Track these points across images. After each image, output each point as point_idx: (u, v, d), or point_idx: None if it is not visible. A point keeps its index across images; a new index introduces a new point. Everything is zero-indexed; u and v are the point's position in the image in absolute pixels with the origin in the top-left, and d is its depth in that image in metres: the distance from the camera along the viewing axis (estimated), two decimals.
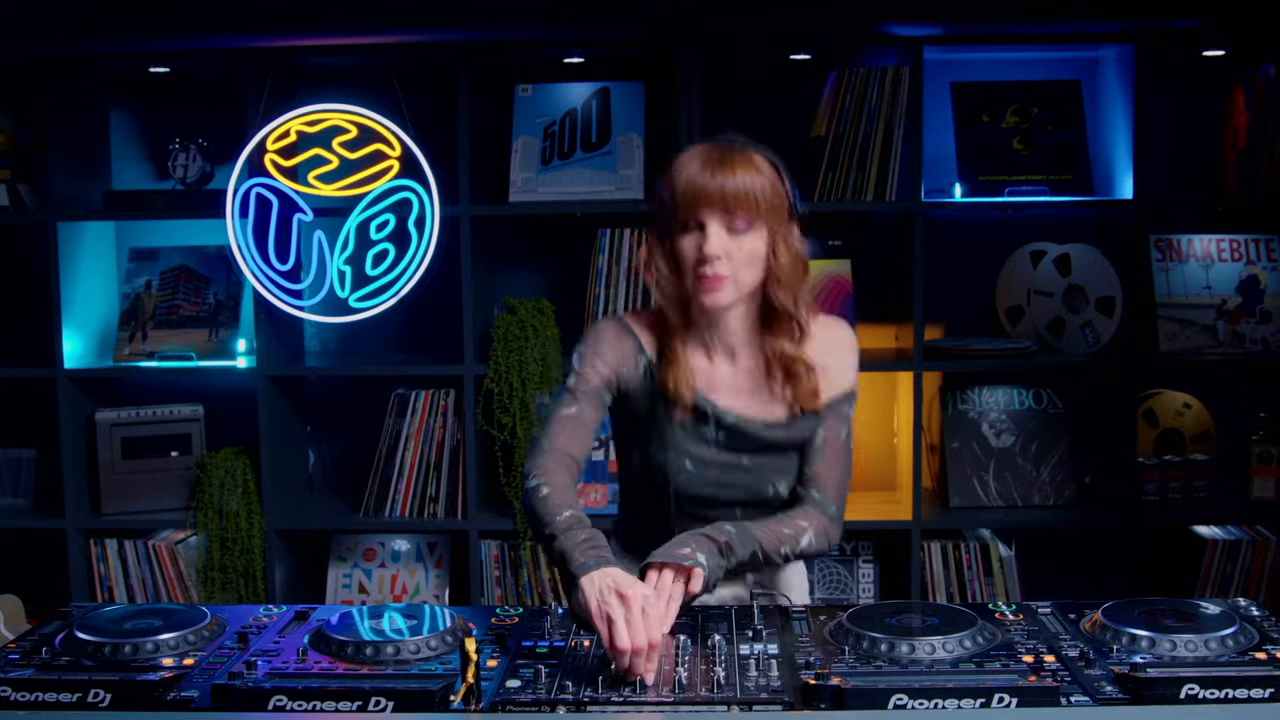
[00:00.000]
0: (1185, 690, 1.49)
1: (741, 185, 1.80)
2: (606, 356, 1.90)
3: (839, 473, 1.94)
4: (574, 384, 1.89)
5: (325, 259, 3.29)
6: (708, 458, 1.90)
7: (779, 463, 1.93)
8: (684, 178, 1.82)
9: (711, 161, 1.82)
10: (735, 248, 1.81)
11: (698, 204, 1.80)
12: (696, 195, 1.80)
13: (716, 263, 1.80)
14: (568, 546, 1.67)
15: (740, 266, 1.82)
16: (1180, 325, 3.37)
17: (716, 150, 1.84)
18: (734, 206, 1.80)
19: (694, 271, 1.82)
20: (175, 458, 3.43)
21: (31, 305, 3.49)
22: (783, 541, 1.86)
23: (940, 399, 3.43)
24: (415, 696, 1.50)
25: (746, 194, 1.80)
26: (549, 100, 3.39)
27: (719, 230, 1.81)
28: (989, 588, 3.28)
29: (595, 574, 1.61)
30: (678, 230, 1.84)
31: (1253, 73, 3.29)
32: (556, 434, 1.85)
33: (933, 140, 3.30)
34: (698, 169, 1.81)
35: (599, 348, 1.91)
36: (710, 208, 1.80)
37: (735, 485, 1.92)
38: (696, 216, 1.81)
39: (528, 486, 1.79)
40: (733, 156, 1.83)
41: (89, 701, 1.54)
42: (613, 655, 1.56)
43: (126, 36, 3.17)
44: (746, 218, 1.81)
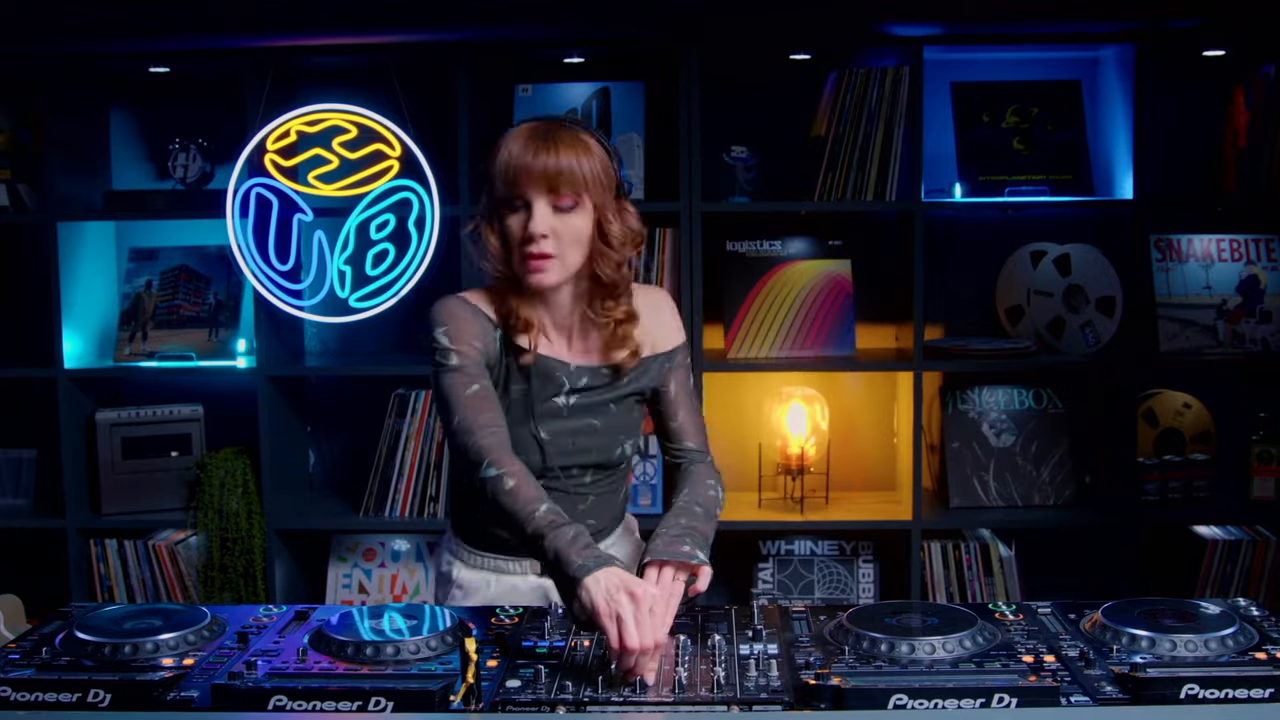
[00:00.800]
0: (1185, 690, 1.49)
1: (565, 164, 1.78)
2: (472, 331, 1.87)
3: (699, 420, 2.04)
4: (459, 363, 1.84)
5: (325, 259, 3.29)
6: (560, 426, 1.92)
7: (624, 421, 1.98)
8: (507, 155, 1.79)
9: (536, 139, 1.79)
10: (561, 226, 1.81)
11: (521, 182, 1.79)
12: (520, 173, 1.78)
13: (543, 241, 1.79)
14: (560, 546, 1.66)
15: (566, 245, 1.82)
16: (1180, 325, 3.37)
17: (541, 127, 1.82)
18: (558, 184, 1.78)
19: (520, 250, 1.82)
20: (175, 458, 3.44)
21: (31, 305, 3.49)
22: (715, 505, 1.94)
23: (940, 399, 3.43)
24: (415, 696, 1.50)
25: (569, 172, 1.78)
26: (549, 100, 3.39)
27: (545, 209, 1.80)
28: (989, 588, 3.28)
29: (600, 574, 1.61)
30: (505, 209, 1.83)
31: (1253, 73, 3.29)
32: (478, 412, 1.80)
33: (933, 140, 3.30)
34: (520, 147, 1.79)
35: (462, 326, 1.86)
36: (535, 186, 1.79)
37: (590, 449, 1.95)
38: (522, 194, 1.79)
39: (486, 475, 1.75)
40: (558, 134, 1.80)
41: (89, 701, 1.54)
42: (619, 655, 1.56)
43: (126, 36, 3.17)
44: (571, 196, 1.80)
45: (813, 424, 3.36)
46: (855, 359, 3.36)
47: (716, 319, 3.38)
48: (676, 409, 2.02)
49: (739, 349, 3.34)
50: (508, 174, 1.79)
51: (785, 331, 3.35)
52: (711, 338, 3.39)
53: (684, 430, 2.02)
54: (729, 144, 3.30)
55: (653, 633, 1.56)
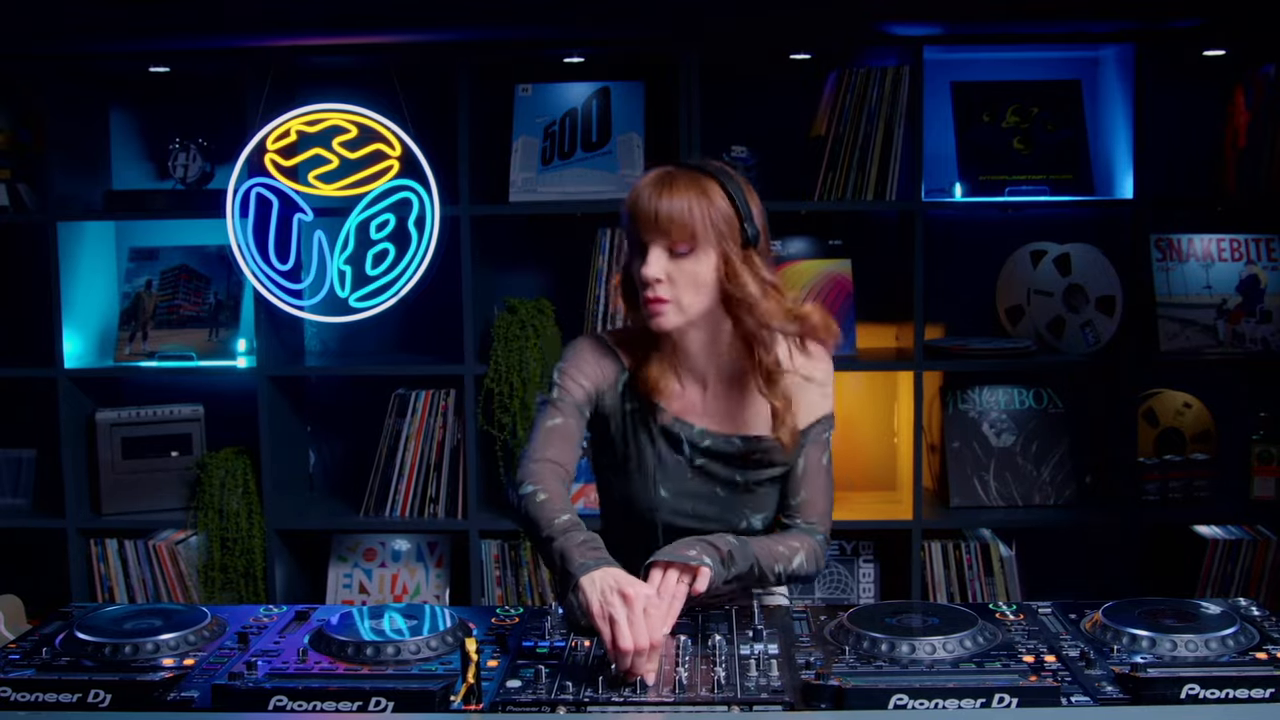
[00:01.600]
0: (1185, 690, 1.49)
1: (676, 207, 1.78)
2: (588, 372, 1.90)
3: (825, 499, 1.97)
4: (557, 396, 1.88)
5: (325, 259, 3.29)
6: (681, 486, 1.91)
7: (752, 496, 1.94)
8: (631, 200, 1.83)
9: (656, 184, 1.82)
10: (676, 271, 1.81)
11: (639, 227, 1.82)
12: (637, 218, 1.81)
13: (657, 286, 1.81)
14: (567, 547, 1.66)
15: (683, 290, 1.81)
16: (1180, 325, 3.37)
17: (666, 172, 1.84)
18: (668, 228, 1.79)
19: (642, 295, 1.83)
20: (175, 458, 3.44)
21: (31, 305, 3.49)
22: (777, 560, 1.88)
23: (940, 399, 3.43)
24: (415, 696, 1.50)
25: (680, 216, 1.78)
26: (549, 100, 3.39)
27: (659, 253, 1.81)
28: (989, 588, 3.28)
29: (596, 574, 1.61)
30: (634, 253, 1.85)
31: (1253, 73, 3.29)
32: (545, 445, 1.83)
33: (933, 140, 3.30)
34: (645, 192, 1.82)
35: (579, 364, 1.91)
36: (650, 230, 1.81)
37: (709, 517, 1.92)
38: (640, 239, 1.82)
39: (523, 493, 1.77)
40: (678, 178, 1.81)
41: (89, 702, 1.54)
42: (614, 656, 1.56)
43: (126, 36, 3.17)
44: (687, 241, 1.79)
45: None
46: (855, 359, 3.36)
47: None
48: (799, 486, 1.95)
49: None
50: (631, 219, 1.83)
51: None
52: None
53: (803, 508, 1.95)
54: (729, 144, 3.30)
55: (647, 634, 1.55)
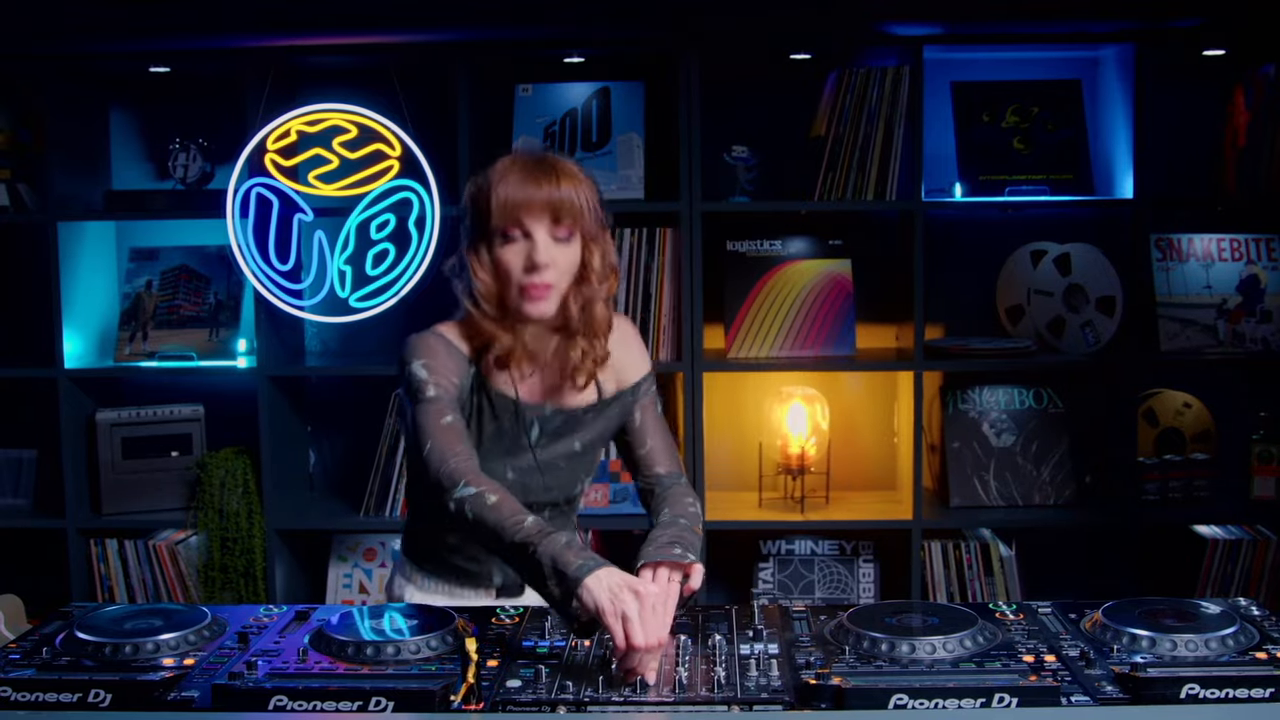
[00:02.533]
0: (1185, 690, 1.49)
1: (566, 193, 1.82)
2: (449, 365, 1.88)
3: (670, 445, 2.06)
4: (433, 394, 1.84)
5: (325, 259, 3.29)
6: (528, 464, 1.94)
7: (588, 459, 2.01)
8: (507, 187, 1.82)
9: (533, 169, 1.83)
10: (559, 255, 1.83)
11: (523, 212, 1.81)
12: (521, 204, 1.81)
13: (545, 271, 1.81)
14: (555, 551, 1.63)
15: (563, 274, 1.85)
16: (1180, 325, 3.37)
17: (534, 159, 1.86)
18: (561, 215, 1.82)
19: (520, 281, 1.83)
20: (175, 458, 3.43)
21: (31, 305, 3.49)
22: (698, 520, 1.95)
23: (940, 399, 3.43)
24: (415, 696, 1.50)
25: (571, 202, 1.82)
26: (549, 100, 3.39)
27: (546, 238, 1.82)
28: (989, 587, 3.28)
29: (600, 573, 1.60)
30: (497, 240, 1.83)
31: (1253, 73, 3.29)
32: (453, 441, 1.80)
33: (933, 140, 3.30)
34: (519, 178, 1.82)
35: (438, 360, 1.88)
36: (536, 216, 1.81)
37: (552, 488, 1.97)
38: (522, 225, 1.82)
39: (463, 494, 1.71)
40: (554, 164, 1.84)
41: (89, 701, 1.54)
42: (624, 654, 1.56)
43: (126, 36, 3.17)
44: (569, 226, 1.83)
45: (813, 424, 3.36)
46: (855, 359, 3.36)
47: (717, 319, 3.38)
48: (644, 437, 2.03)
49: (739, 349, 3.34)
50: (507, 205, 1.81)
51: (785, 331, 3.35)
52: (712, 338, 3.39)
53: (652, 456, 2.03)
54: (729, 144, 3.30)
55: (656, 630, 1.56)
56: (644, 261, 3.29)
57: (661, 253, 3.29)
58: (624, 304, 3.29)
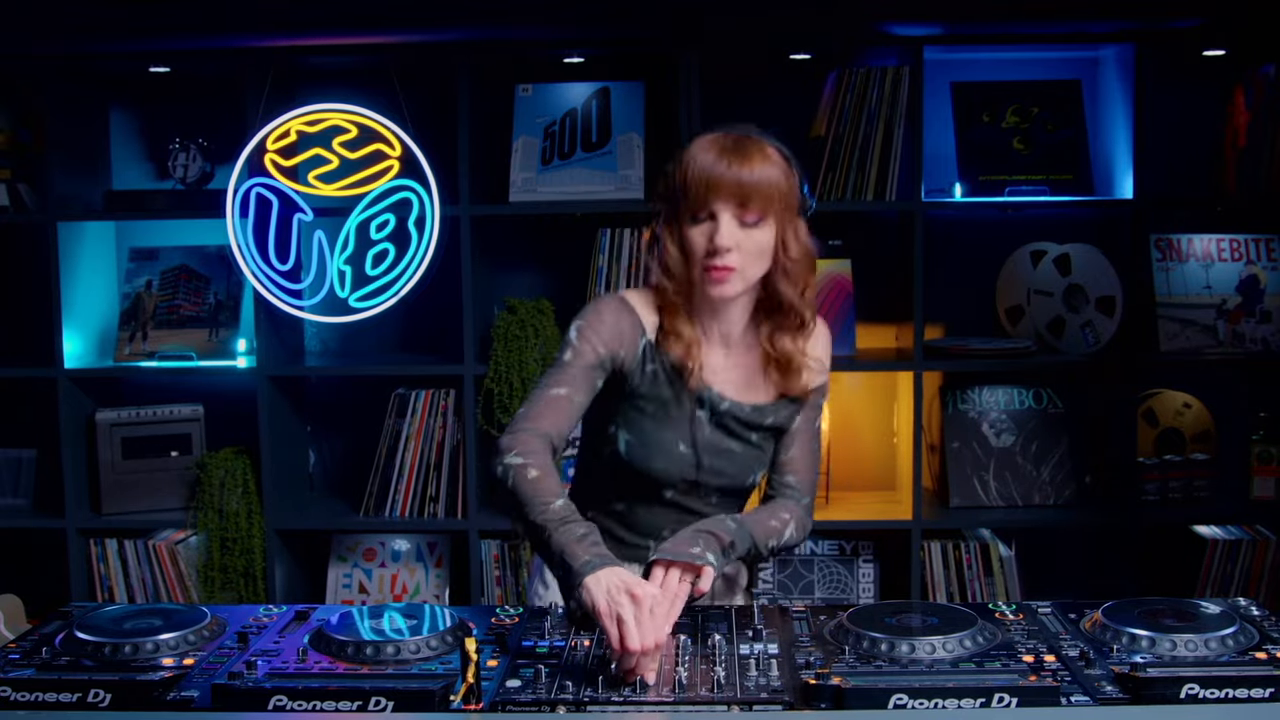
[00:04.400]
0: (1185, 690, 1.49)
1: (756, 177, 1.77)
2: (605, 334, 1.85)
3: (812, 461, 2.00)
4: (569, 359, 1.83)
5: (325, 259, 3.29)
6: (703, 441, 1.90)
7: (762, 452, 1.95)
8: (699, 166, 1.78)
9: (727, 151, 1.79)
10: (745, 239, 1.79)
11: (711, 194, 1.78)
12: (710, 185, 1.77)
13: (727, 255, 1.78)
14: (566, 543, 1.64)
15: (749, 259, 1.81)
16: (1180, 325, 3.37)
17: (731, 139, 1.81)
18: (748, 198, 1.77)
19: (703, 262, 1.81)
20: (175, 458, 3.43)
21: (31, 305, 3.49)
22: (770, 535, 1.90)
23: (940, 399, 3.43)
24: (415, 696, 1.50)
25: (760, 186, 1.77)
26: (549, 100, 3.39)
27: (731, 221, 1.78)
28: (989, 588, 3.28)
29: (602, 573, 1.59)
30: (687, 219, 1.81)
31: (1253, 73, 3.29)
32: (541, 413, 1.78)
33: (933, 140, 3.30)
34: (713, 158, 1.78)
35: (598, 325, 1.85)
36: (724, 199, 1.78)
37: (722, 472, 1.92)
38: (709, 206, 1.79)
39: (509, 462, 1.71)
40: (748, 147, 1.80)
41: (89, 701, 1.54)
42: (619, 656, 1.55)
43: (126, 36, 3.17)
44: (759, 210, 1.79)
45: None
46: (855, 359, 3.36)
47: None
48: (792, 442, 1.97)
49: None
50: (697, 185, 1.78)
51: None
52: None
53: (791, 465, 1.98)
54: None
55: (653, 634, 1.54)
56: (644, 261, 3.29)
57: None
58: None
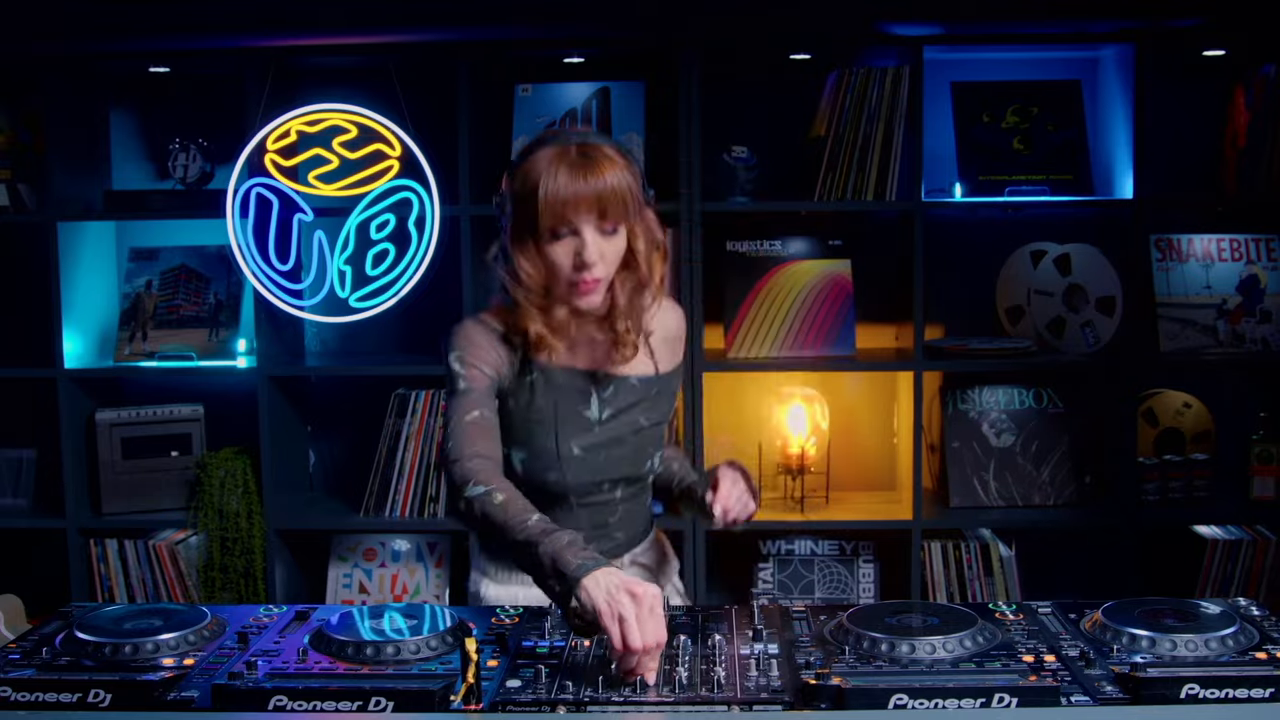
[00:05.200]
0: (1185, 690, 1.49)
1: (612, 187, 1.77)
2: (486, 357, 1.87)
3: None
4: (465, 387, 1.84)
5: (325, 259, 3.29)
6: (593, 440, 1.93)
7: (653, 433, 2.00)
8: (554, 185, 1.76)
9: (579, 166, 1.77)
10: (607, 248, 1.81)
11: (570, 211, 1.77)
12: (569, 203, 1.76)
13: (594, 268, 1.79)
14: (555, 550, 1.62)
15: (611, 266, 1.83)
16: (1180, 325, 3.37)
17: (577, 151, 1.79)
18: (606, 209, 1.77)
19: (570, 277, 1.81)
20: (175, 458, 3.43)
21: (31, 305, 3.49)
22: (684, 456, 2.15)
23: (940, 399, 3.43)
24: (415, 696, 1.50)
25: (616, 195, 1.77)
26: (549, 100, 3.39)
27: (594, 235, 1.79)
28: (989, 588, 3.28)
29: (598, 574, 1.58)
30: (545, 236, 1.79)
31: (1253, 73, 3.29)
32: (472, 439, 1.79)
33: (933, 140, 3.30)
34: (568, 175, 1.76)
35: (476, 351, 1.87)
36: (584, 213, 1.77)
37: (620, 462, 1.96)
38: (571, 223, 1.78)
39: (473, 494, 1.71)
40: (596, 156, 1.78)
41: (89, 701, 1.54)
42: (621, 655, 1.54)
43: (126, 36, 3.17)
44: (616, 218, 1.79)
45: (813, 424, 3.36)
46: (855, 359, 3.36)
47: (717, 319, 3.38)
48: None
49: (739, 349, 3.34)
50: (555, 203, 1.76)
51: (785, 331, 3.35)
52: (712, 338, 3.39)
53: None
54: (729, 144, 3.30)
55: (655, 632, 1.54)
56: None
57: None
58: None
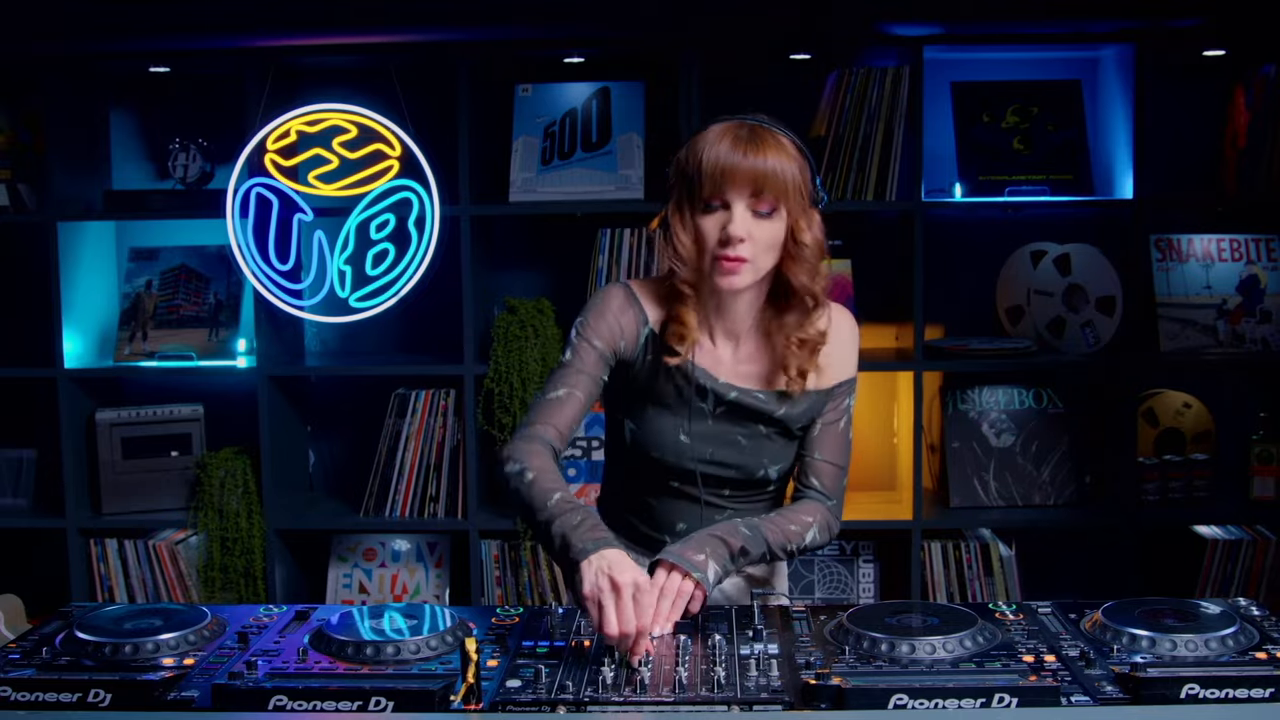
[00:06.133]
0: (1185, 690, 1.49)
1: (771, 167, 1.75)
2: (605, 330, 1.88)
3: (839, 462, 1.96)
4: (569, 358, 1.87)
5: (325, 259, 3.29)
6: (704, 431, 1.89)
7: (773, 445, 1.93)
8: (713, 154, 1.76)
9: (742, 140, 1.76)
10: (758, 230, 1.78)
11: (725, 183, 1.76)
12: (725, 174, 1.75)
13: (740, 245, 1.77)
14: (565, 530, 1.66)
15: (761, 250, 1.79)
16: (1180, 325, 3.37)
17: (746, 129, 1.78)
18: (762, 189, 1.76)
19: (714, 252, 1.79)
20: (175, 458, 3.43)
21: (31, 305, 3.49)
22: (789, 539, 1.88)
23: (940, 399, 3.43)
24: (415, 696, 1.50)
25: (775, 176, 1.76)
26: (549, 100, 3.39)
27: (744, 212, 1.77)
28: (989, 588, 3.28)
29: (594, 557, 1.62)
30: (699, 206, 1.79)
31: (1253, 73, 3.29)
32: (539, 418, 1.84)
33: (933, 140, 3.30)
34: (728, 147, 1.76)
35: (598, 322, 1.88)
36: (738, 188, 1.76)
37: (728, 463, 1.91)
38: (723, 195, 1.77)
39: (509, 471, 1.78)
40: (763, 136, 1.77)
41: (89, 701, 1.54)
42: (603, 636, 1.60)
43: (126, 36, 3.17)
44: (772, 201, 1.77)
45: None
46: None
47: None
48: (815, 445, 1.95)
49: None
50: (711, 173, 1.76)
51: None
52: None
53: (815, 466, 1.95)
54: None
55: (631, 621, 1.57)
56: (644, 262, 3.29)
57: (661, 253, 3.28)
58: None
